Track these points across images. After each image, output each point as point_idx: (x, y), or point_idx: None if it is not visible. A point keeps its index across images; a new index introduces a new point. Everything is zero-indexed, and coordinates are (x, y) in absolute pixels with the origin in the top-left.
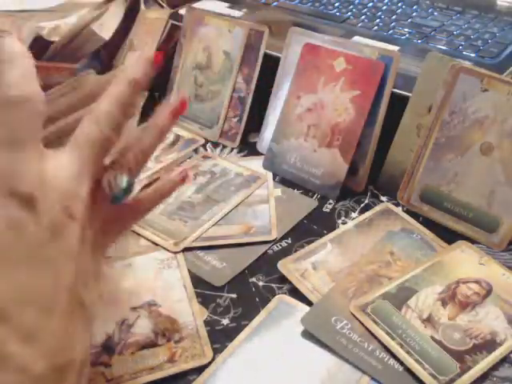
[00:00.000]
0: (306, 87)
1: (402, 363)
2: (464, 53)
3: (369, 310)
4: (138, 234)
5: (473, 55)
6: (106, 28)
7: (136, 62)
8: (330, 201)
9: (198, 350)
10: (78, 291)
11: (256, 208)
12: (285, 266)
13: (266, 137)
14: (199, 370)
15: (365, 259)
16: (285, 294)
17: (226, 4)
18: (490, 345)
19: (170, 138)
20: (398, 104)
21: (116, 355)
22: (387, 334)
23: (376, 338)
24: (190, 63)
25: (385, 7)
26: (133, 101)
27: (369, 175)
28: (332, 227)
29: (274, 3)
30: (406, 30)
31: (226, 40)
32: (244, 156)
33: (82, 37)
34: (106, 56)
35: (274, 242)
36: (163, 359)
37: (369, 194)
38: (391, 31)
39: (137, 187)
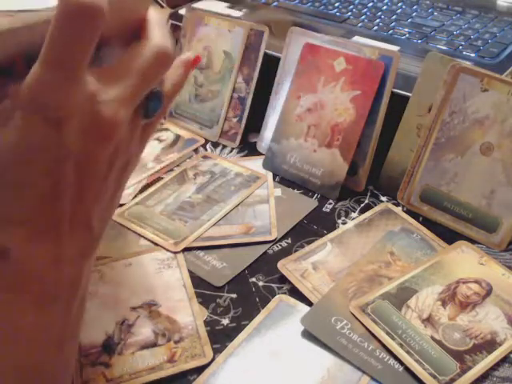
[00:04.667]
0: (306, 87)
1: (402, 363)
2: (464, 53)
3: (369, 310)
4: (138, 234)
5: (473, 55)
6: None
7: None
8: (330, 201)
9: (198, 349)
10: (89, 210)
11: (256, 208)
12: (285, 266)
13: (266, 137)
14: (199, 369)
15: (365, 259)
16: (285, 294)
17: (226, 4)
18: (490, 345)
19: (170, 137)
20: (398, 104)
21: (116, 355)
22: (387, 334)
23: (376, 337)
24: None
25: (385, 7)
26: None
27: (369, 175)
28: (332, 227)
29: (274, 3)
30: (406, 29)
31: (226, 40)
32: (244, 156)
33: None
34: None
35: (274, 241)
36: (163, 359)
37: (369, 193)
38: (391, 31)
39: (137, 187)
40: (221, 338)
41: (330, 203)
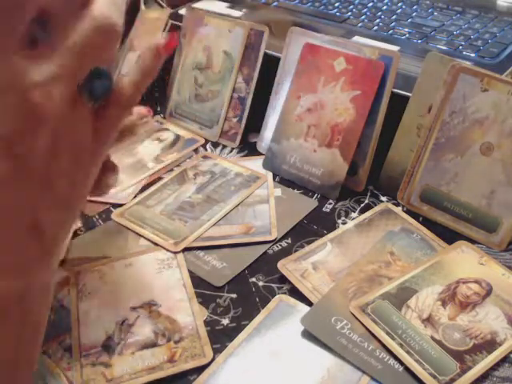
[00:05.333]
0: (306, 87)
1: (402, 363)
2: (464, 53)
3: (369, 310)
4: (138, 234)
5: (473, 55)
6: None
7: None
8: (330, 201)
9: (198, 349)
10: (32, 208)
11: (256, 208)
12: (285, 266)
13: (266, 137)
14: (199, 369)
15: (365, 259)
16: (285, 294)
17: (226, 4)
18: (490, 345)
19: (170, 137)
20: (398, 104)
21: (116, 355)
22: (387, 334)
23: (376, 337)
24: (189, 63)
25: (385, 7)
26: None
27: (369, 175)
28: (332, 227)
29: (274, 3)
30: (406, 30)
31: (225, 40)
32: (244, 156)
33: None
34: None
35: (274, 241)
36: (163, 359)
37: (369, 193)
38: (391, 31)
39: (137, 187)
40: (221, 338)
41: (330, 203)
